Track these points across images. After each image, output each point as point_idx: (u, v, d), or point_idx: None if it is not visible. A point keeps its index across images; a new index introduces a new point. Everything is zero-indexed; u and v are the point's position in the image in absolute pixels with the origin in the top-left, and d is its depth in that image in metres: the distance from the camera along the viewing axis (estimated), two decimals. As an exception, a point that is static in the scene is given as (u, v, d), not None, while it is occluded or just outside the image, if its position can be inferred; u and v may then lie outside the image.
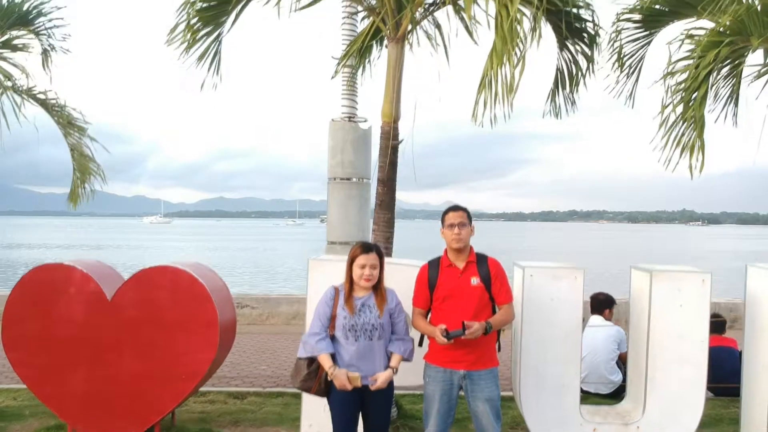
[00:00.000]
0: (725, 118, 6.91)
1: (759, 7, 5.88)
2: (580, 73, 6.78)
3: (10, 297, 5.82)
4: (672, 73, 5.87)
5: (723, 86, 6.79)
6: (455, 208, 4.98)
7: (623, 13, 7.10)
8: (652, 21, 7.02)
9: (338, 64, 7.44)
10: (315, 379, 4.78)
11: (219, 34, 6.47)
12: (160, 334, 5.76)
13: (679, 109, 5.79)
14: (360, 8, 6.94)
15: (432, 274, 5.00)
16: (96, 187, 7.03)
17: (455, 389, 4.90)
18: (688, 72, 5.73)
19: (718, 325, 8.12)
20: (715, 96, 6.76)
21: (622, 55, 7.09)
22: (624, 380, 7.31)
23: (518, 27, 5.05)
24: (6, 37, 6.50)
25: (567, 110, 6.91)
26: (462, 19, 6.41)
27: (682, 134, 5.86)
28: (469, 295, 4.85)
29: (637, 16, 7.08)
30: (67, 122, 6.83)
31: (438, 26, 6.66)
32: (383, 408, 4.85)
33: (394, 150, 6.60)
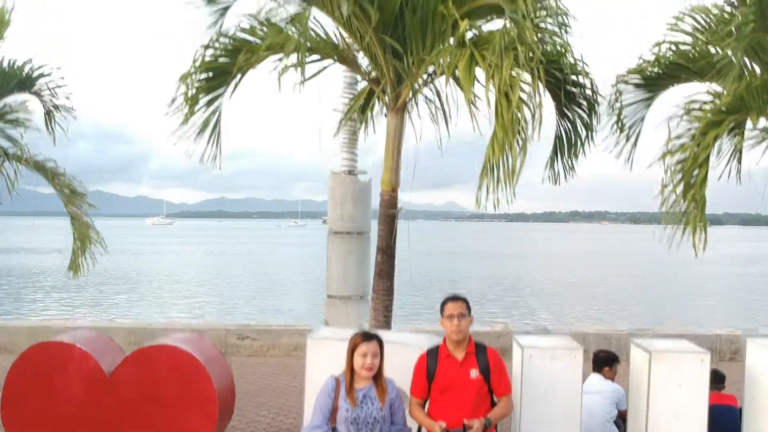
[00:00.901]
0: (729, 174, 6.91)
1: (759, 84, 5.88)
2: (579, 141, 6.79)
3: (9, 375, 5.83)
4: (671, 153, 5.87)
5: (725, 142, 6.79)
6: (454, 299, 4.98)
7: (623, 76, 7.11)
8: (651, 84, 7.03)
9: (339, 123, 7.47)
10: None
11: (218, 106, 6.49)
12: (159, 411, 5.76)
13: (680, 188, 5.80)
14: (360, 78, 6.94)
15: (430, 364, 5.00)
16: (97, 256, 7.06)
17: None
18: (687, 152, 5.73)
19: (717, 380, 8.09)
20: (718, 152, 6.76)
21: (621, 118, 7.11)
22: (624, 440, 7.30)
23: (521, 112, 5.05)
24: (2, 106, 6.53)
25: (566, 177, 6.92)
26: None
27: (684, 212, 5.87)
28: (468, 388, 4.86)
29: (636, 79, 7.09)
30: (69, 191, 6.88)
31: (438, 94, 6.67)
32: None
33: (393, 218, 6.62)
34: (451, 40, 5.94)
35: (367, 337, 4.85)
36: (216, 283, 35.57)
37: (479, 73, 5.51)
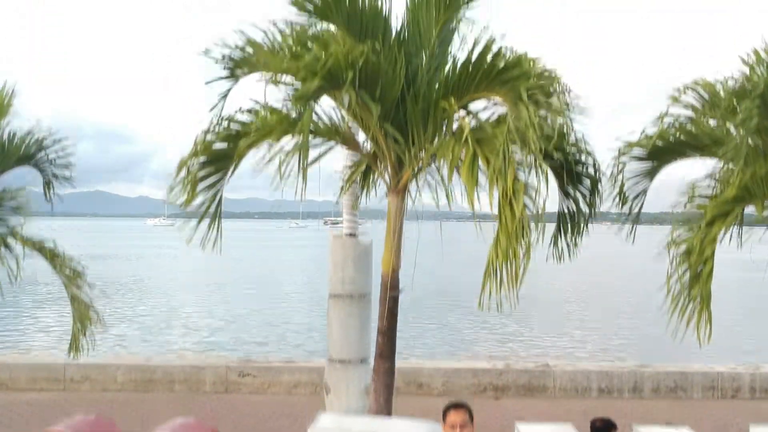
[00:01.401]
0: (730, 239, 6.88)
1: (765, 173, 5.85)
2: (582, 219, 6.77)
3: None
4: (676, 243, 5.85)
5: None
6: (456, 407, 4.97)
7: (626, 147, 7.09)
8: (653, 159, 7.00)
9: (340, 192, 7.45)
10: None
11: (218, 191, 6.47)
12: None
13: (685, 278, 5.78)
14: (361, 157, 6.92)
15: None
16: (96, 335, 7.06)
17: None
18: (691, 244, 5.71)
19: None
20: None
21: (623, 192, 7.09)
22: None
23: (525, 220, 5.04)
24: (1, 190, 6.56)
25: (570, 255, 6.90)
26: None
27: (688, 303, 5.84)
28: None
29: (638, 152, 7.07)
30: (73, 273, 6.90)
31: (441, 177, 6.65)
32: None
33: (395, 300, 6.59)
34: (455, 125, 5.93)
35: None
36: (217, 296, 35.54)
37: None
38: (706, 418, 12.74)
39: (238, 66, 6.38)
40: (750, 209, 6.19)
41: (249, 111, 6.28)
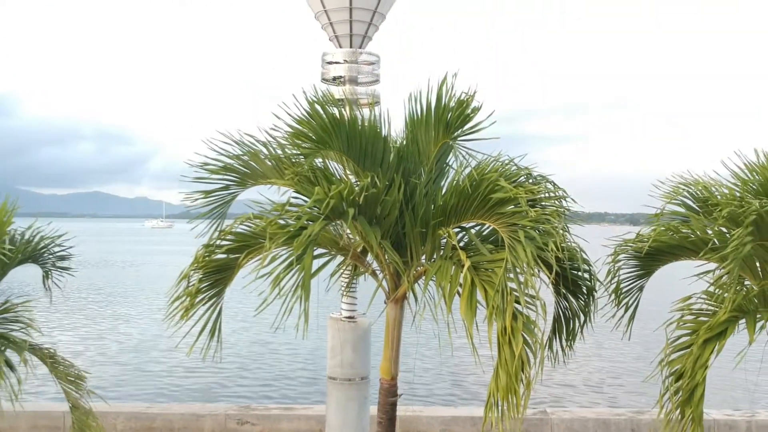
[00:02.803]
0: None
1: (757, 293, 5.94)
2: (577, 323, 6.85)
3: None
4: (670, 363, 5.95)
5: None
6: None
7: (621, 248, 7.18)
8: (647, 260, 7.09)
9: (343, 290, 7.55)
10: None
11: (218, 302, 6.55)
12: None
13: (677, 397, 5.87)
14: (362, 269, 7.01)
15: None
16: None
17: None
18: (684, 366, 5.80)
19: None
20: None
21: (619, 291, 7.19)
22: None
23: (524, 358, 5.13)
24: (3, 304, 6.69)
25: (564, 359, 6.98)
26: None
27: (680, 421, 5.94)
28: None
29: (633, 253, 7.16)
30: (74, 380, 7.01)
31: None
32: None
33: (393, 406, 6.68)
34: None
35: None
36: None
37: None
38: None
39: (240, 178, 6.48)
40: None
41: (249, 221, 6.35)
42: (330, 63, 8.95)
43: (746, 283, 6.53)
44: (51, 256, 7.63)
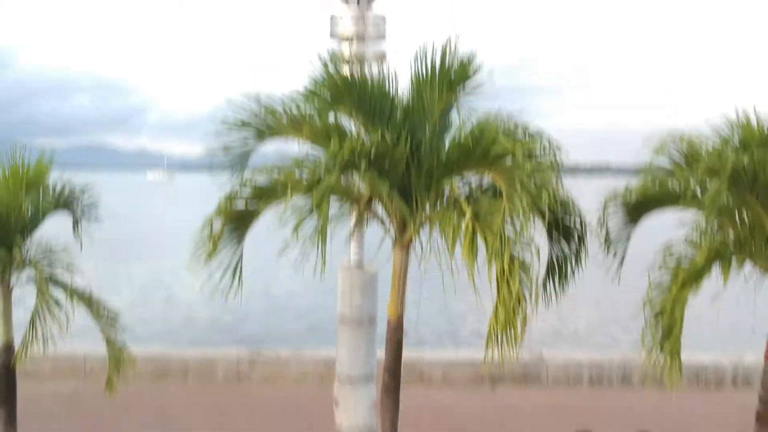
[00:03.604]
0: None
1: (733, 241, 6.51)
2: (570, 268, 7.43)
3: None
4: (651, 304, 6.56)
5: None
6: None
7: (610, 199, 7.74)
8: (634, 211, 7.64)
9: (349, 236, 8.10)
10: None
11: (239, 246, 7.12)
12: None
13: (658, 335, 6.50)
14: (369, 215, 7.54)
15: None
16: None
17: None
18: (664, 306, 6.40)
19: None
20: None
21: (608, 238, 7.76)
22: None
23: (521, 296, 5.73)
24: None
25: (556, 298, 7.56)
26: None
27: (660, 356, 6.58)
28: None
29: (621, 203, 7.71)
30: (108, 319, 7.66)
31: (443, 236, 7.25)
32: None
33: (399, 343, 7.31)
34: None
35: None
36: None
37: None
38: (691, 408, 13.58)
39: (261, 131, 7.00)
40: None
41: (267, 172, 6.88)
42: (338, 21, 9.34)
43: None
44: (80, 205, 8.25)
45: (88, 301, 7.55)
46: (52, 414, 12.81)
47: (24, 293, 8.10)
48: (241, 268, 7.14)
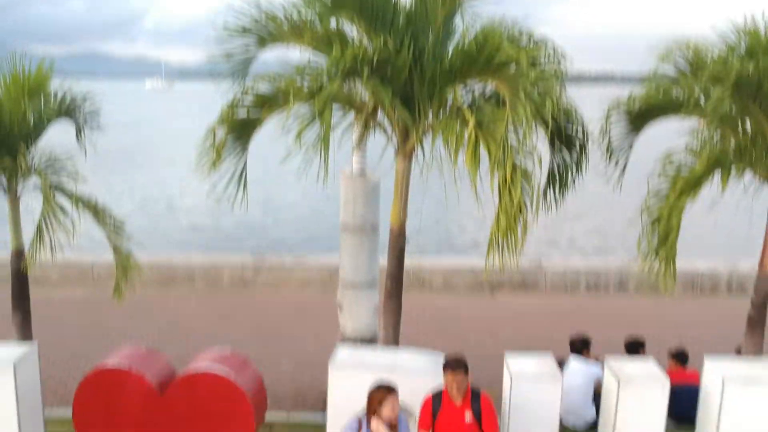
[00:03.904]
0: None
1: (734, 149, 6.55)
2: (570, 177, 7.50)
3: (77, 392, 6.93)
4: (649, 211, 6.65)
5: None
6: (455, 366, 5.93)
7: (613, 107, 7.72)
8: (637, 119, 7.65)
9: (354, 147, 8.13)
10: None
11: (243, 154, 7.16)
12: (204, 424, 6.87)
13: (654, 242, 6.63)
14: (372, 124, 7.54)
15: (435, 405, 6.07)
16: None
17: None
18: (661, 213, 6.50)
19: (682, 359, 9.18)
20: None
21: (610, 147, 7.80)
22: (597, 416, 8.44)
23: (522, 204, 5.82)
24: None
25: (556, 207, 7.67)
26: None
27: (655, 262, 6.74)
28: (464, 429, 5.95)
29: (624, 111, 7.71)
30: (114, 227, 7.78)
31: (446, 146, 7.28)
32: None
33: (402, 250, 7.46)
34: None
35: (389, 390, 5.82)
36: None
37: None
38: (684, 313, 13.96)
39: (262, 37, 6.91)
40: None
41: (269, 80, 6.85)
42: None
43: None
44: (82, 113, 8.28)
45: (94, 209, 7.67)
46: (63, 319, 13.18)
47: (31, 204, 8.25)
48: (245, 176, 7.22)
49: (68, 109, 8.14)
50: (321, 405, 9.48)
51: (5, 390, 6.72)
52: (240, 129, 6.99)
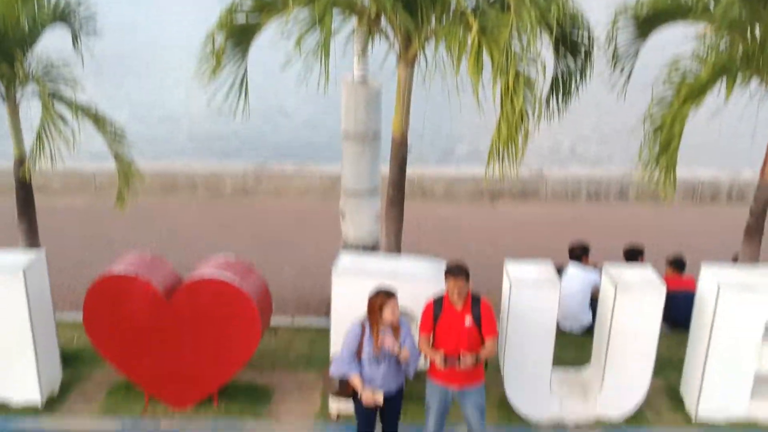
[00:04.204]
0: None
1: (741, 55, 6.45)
2: (574, 84, 7.41)
3: (86, 299, 7.08)
4: (652, 118, 6.60)
5: None
6: (456, 272, 6.04)
7: (620, 12, 7.56)
8: (643, 25, 7.49)
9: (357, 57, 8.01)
10: (346, 390, 6.21)
11: (243, 61, 7.04)
12: (211, 328, 7.05)
13: (655, 150, 6.61)
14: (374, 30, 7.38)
15: (436, 310, 6.22)
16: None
17: (449, 400, 6.33)
18: (664, 120, 6.46)
19: (679, 266, 9.34)
20: None
21: (615, 53, 7.67)
22: (594, 320, 8.66)
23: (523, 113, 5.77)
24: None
25: (559, 116, 7.61)
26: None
27: (656, 170, 6.74)
28: (464, 333, 6.11)
29: (631, 16, 7.54)
30: (114, 134, 7.73)
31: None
32: (396, 407, 6.36)
33: (404, 158, 7.46)
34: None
35: (389, 294, 5.96)
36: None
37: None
38: (684, 221, 14.09)
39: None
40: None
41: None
42: None
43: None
44: (78, 18, 8.10)
45: (94, 116, 7.62)
46: (67, 227, 13.33)
47: (31, 114, 8.18)
48: (246, 83, 7.14)
49: (63, 14, 7.97)
50: (324, 310, 9.74)
51: (17, 295, 6.89)
52: (239, 34, 6.87)
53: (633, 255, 9.36)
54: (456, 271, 6.03)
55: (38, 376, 7.23)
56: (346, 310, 6.78)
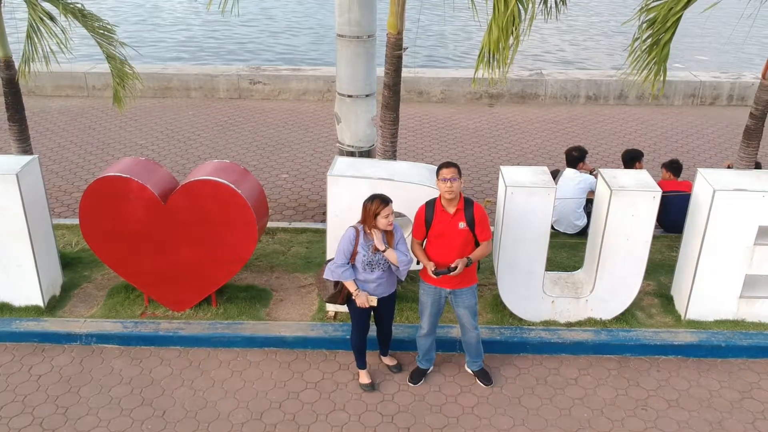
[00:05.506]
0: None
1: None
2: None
3: (81, 201, 7.06)
4: (648, 10, 6.41)
5: None
6: (448, 165, 6.02)
7: None
8: None
9: None
10: (340, 296, 6.32)
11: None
12: (208, 231, 7.07)
13: (647, 43, 6.46)
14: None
15: (428, 214, 6.23)
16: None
17: (443, 300, 6.42)
18: (658, 14, 6.26)
19: (675, 169, 9.32)
20: None
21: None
22: (588, 224, 8.71)
23: (515, 14, 5.58)
24: None
25: (557, 13, 7.35)
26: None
27: (646, 64, 6.62)
28: (457, 236, 6.15)
29: None
30: (104, 33, 7.46)
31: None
32: (390, 308, 6.50)
33: (399, 59, 7.28)
34: None
35: (385, 201, 5.97)
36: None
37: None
38: (683, 122, 13.98)
39: None
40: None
41: None
42: None
43: None
44: None
45: (81, 13, 7.37)
46: (60, 130, 13.20)
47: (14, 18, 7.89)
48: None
49: None
50: (321, 217, 9.79)
51: (12, 200, 6.87)
52: None
53: (631, 160, 9.32)
54: (448, 164, 6.01)
55: (39, 279, 7.32)
56: (342, 213, 6.79)
